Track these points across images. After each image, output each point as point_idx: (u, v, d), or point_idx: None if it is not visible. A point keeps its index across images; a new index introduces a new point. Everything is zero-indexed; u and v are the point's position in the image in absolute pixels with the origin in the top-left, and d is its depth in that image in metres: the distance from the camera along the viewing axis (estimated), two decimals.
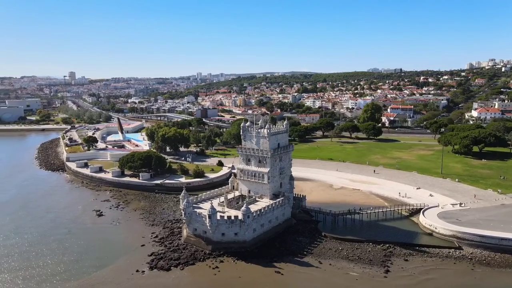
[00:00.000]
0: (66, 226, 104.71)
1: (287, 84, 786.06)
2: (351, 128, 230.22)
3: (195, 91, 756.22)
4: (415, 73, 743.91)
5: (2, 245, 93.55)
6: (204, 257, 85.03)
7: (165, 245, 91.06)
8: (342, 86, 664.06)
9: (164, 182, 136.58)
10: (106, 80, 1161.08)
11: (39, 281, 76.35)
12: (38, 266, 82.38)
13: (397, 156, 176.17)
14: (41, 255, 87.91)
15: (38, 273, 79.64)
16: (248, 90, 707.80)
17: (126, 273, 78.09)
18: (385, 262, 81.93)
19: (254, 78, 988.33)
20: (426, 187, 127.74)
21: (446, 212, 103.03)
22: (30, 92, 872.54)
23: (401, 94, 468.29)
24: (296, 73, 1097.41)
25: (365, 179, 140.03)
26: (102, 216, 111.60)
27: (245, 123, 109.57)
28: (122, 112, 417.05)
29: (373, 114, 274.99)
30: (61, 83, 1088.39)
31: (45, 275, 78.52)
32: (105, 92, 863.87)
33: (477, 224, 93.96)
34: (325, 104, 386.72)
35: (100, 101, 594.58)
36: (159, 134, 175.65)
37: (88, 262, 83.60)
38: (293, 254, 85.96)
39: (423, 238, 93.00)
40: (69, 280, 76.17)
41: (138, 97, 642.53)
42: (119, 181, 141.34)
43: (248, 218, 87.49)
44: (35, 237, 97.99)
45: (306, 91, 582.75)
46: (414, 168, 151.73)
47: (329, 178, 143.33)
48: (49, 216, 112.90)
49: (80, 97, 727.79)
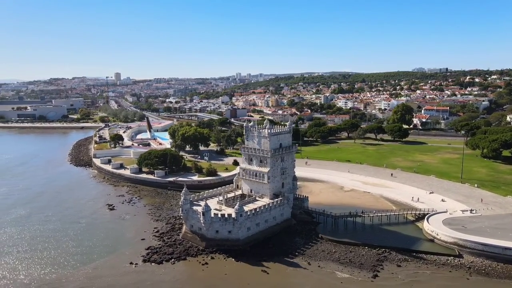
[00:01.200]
0: (78, 217, 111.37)
1: (324, 84, 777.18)
2: (376, 129, 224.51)
3: (232, 91, 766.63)
4: (462, 72, 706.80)
5: (8, 232, 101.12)
6: (197, 253, 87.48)
7: (163, 240, 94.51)
8: (381, 86, 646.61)
9: (177, 179, 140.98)
10: (149, 80, 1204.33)
11: (35, 266, 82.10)
12: (41, 253, 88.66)
13: (419, 159, 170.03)
14: (46, 243, 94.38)
15: (38, 259, 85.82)
16: (284, 91, 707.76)
17: (120, 265, 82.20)
18: (376, 267, 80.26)
19: (291, 78, 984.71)
20: (441, 191, 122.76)
21: (453, 219, 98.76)
22: (79, 92, 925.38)
23: (441, 94, 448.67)
24: (336, 73, 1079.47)
25: (378, 182, 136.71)
26: (113, 210, 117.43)
27: (248, 123, 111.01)
28: (158, 111, 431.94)
29: (403, 115, 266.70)
30: (108, 84, 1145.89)
31: (43, 262, 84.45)
32: (147, 92, 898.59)
33: (483, 232, 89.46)
34: (357, 105, 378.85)
35: (140, 100, 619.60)
36: (179, 133, 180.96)
37: (87, 252, 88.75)
38: (284, 254, 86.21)
39: (424, 245, 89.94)
40: (64, 268, 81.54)
41: (176, 97, 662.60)
42: (136, 177, 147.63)
43: (241, 217, 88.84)
44: (45, 226, 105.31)
45: (342, 92, 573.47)
46: (434, 172, 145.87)
47: (341, 180, 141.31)
48: (63, 207, 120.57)
49: (123, 97, 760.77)
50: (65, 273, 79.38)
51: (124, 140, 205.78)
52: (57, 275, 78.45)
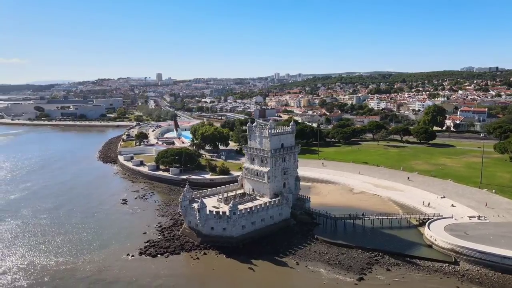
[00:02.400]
0: (91, 209, 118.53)
1: (362, 84, 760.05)
2: (402, 131, 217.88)
3: (268, 91, 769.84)
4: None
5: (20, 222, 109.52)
6: (191, 248, 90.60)
7: (163, 235, 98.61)
8: (422, 86, 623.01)
9: (189, 177, 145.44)
10: (188, 80, 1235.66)
11: (36, 252, 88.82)
12: (46, 240, 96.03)
13: (441, 163, 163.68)
14: (55, 232, 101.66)
15: (43, 246, 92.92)
16: (320, 91, 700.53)
17: (116, 256, 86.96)
18: (365, 270, 79.38)
19: (329, 78, 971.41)
20: (453, 196, 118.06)
21: (457, 224, 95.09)
22: (122, 92, 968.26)
23: (485, 95, 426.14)
24: (377, 73, 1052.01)
25: (390, 185, 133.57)
26: (125, 204, 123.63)
27: (251, 123, 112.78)
28: (191, 111, 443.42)
29: (434, 117, 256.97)
30: (149, 84, 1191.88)
31: (46, 249, 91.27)
32: (186, 92, 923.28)
33: (485, 239, 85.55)
34: (390, 106, 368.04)
35: (177, 100, 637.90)
36: (199, 132, 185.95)
37: (89, 242, 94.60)
38: (275, 253, 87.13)
39: (420, 250, 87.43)
40: (61, 255, 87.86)
41: (212, 97, 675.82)
42: (153, 174, 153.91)
43: (234, 215, 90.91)
44: (58, 215, 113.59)
45: (379, 92, 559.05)
46: (452, 176, 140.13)
47: (352, 182, 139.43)
48: (81, 201, 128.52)
49: (162, 96, 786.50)
50: (63, 260, 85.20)
51: (149, 138, 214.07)
52: (56, 262, 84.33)
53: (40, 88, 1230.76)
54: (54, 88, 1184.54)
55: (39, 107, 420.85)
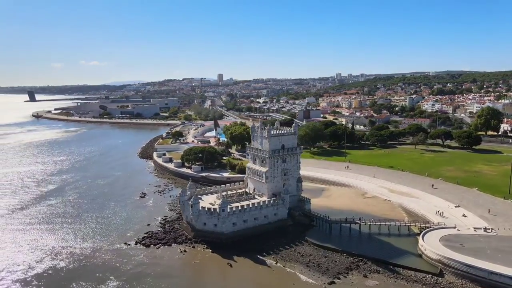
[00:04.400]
0: (110, 201, 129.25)
1: (426, 85, 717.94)
2: (443, 135, 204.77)
3: (325, 92, 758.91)
4: None
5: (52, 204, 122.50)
6: (183, 241, 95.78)
7: (164, 227, 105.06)
8: (495, 87, 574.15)
9: (208, 175, 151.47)
10: (248, 81, 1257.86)
11: (49, 234, 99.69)
12: (58, 223, 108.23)
13: (476, 170, 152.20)
14: (72, 218, 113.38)
15: (53, 227, 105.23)
16: (379, 92, 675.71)
17: (115, 244, 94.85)
18: (341, 274, 78.61)
19: (391, 78, 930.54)
20: (470, 206, 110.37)
21: (457, 235, 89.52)
22: (185, 92, 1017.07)
23: None
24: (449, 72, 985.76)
25: (407, 191, 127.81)
26: (142, 198, 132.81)
27: (254, 124, 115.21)
28: (241, 111, 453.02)
29: (488, 120, 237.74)
30: (211, 84, 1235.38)
31: (56, 232, 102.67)
32: (245, 92, 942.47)
33: (481, 252, 79.95)
34: (446, 108, 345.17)
35: (232, 100, 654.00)
36: (228, 132, 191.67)
37: (95, 230, 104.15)
38: (259, 252, 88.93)
39: (408, 259, 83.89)
40: (66, 239, 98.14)
41: (267, 97, 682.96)
42: (177, 171, 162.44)
43: (223, 212, 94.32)
44: (81, 204, 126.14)
45: (442, 93, 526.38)
46: (480, 185, 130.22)
47: (368, 186, 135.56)
48: (104, 191, 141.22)
49: (219, 96, 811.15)
50: (66, 245, 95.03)
51: (186, 136, 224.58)
52: (59, 248, 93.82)
53: (113, 89, 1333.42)
54: (125, 88, 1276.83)
55: (103, 106, 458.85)
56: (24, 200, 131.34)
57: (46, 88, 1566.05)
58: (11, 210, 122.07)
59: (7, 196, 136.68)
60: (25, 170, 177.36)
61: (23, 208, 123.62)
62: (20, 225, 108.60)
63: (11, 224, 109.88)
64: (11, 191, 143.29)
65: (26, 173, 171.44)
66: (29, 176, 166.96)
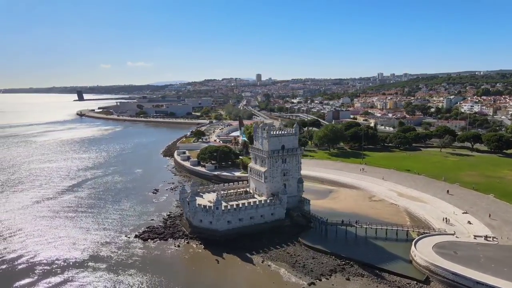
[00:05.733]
0: (125, 195, 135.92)
1: (473, 85, 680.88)
2: (473, 138, 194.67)
3: (362, 92, 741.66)
4: None
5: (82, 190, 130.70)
6: (179, 236, 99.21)
7: (165, 223, 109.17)
8: None
9: (221, 173, 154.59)
10: (287, 81, 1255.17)
11: (60, 222, 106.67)
12: (64, 217, 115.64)
13: (500, 176, 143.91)
14: (85, 210, 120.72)
15: (65, 218, 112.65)
16: (420, 92, 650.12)
17: (117, 236, 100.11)
18: (324, 276, 78.50)
19: (434, 78, 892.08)
20: (479, 213, 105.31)
21: (452, 242, 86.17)
22: (223, 92, 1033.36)
23: None
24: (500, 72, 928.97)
25: (417, 195, 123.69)
26: (154, 194, 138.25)
27: (257, 125, 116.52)
28: (272, 111, 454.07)
29: None
30: (249, 84, 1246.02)
31: (67, 222, 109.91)
32: (281, 92, 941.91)
33: (473, 261, 76.67)
34: (486, 109, 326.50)
35: (268, 100, 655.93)
36: (247, 132, 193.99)
37: (100, 222, 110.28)
38: (248, 250, 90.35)
39: (397, 264, 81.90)
40: (73, 229, 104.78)
41: (302, 98, 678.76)
42: (192, 169, 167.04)
43: (217, 209, 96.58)
44: (96, 196, 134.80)
45: (488, 94, 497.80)
46: (500, 191, 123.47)
47: (378, 189, 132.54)
48: (122, 186, 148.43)
49: (255, 96, 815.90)
50: (70, 235, 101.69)
51: (209, 136, 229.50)
52: (64, 234, 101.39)
53: (156, 88, 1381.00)
54: (167, 88, 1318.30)
55: (139, 105, 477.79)
56: (44, 193, 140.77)
57: (95, 88, 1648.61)
58: (35, 201, 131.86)
59: (35, 189, 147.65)
60: (55, 166, 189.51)
61: (38, 201, 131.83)
62: (32, 215, 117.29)
63: (30, 213, 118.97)
64: (38, 185, 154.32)
65: (54, 168, 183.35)
66: (56, 171, 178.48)
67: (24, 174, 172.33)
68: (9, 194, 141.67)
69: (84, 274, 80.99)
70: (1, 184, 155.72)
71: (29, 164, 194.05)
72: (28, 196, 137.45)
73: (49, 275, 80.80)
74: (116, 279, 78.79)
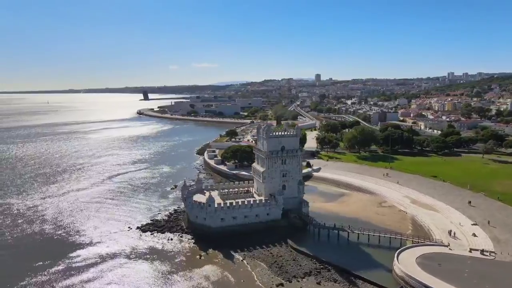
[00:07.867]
0: (145, 190, 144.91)
1: None
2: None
3: (426, 92, 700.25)
4: None
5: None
6: (176, 230, 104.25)
7: (169, 217, 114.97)
8: None
9: (239, 172, 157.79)
10: (347, 81, 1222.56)
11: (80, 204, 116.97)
12: (96, 202, 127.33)
13: None
14: (108, 201, 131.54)
15: (90, 199, 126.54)
16: (490, 93, 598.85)
17: (121, 226, 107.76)
18: (296, 278, 78.35)
19: (510, 78, 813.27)
20: (497, 224, 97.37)
21: (441, 254, 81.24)
22: (281, 92, 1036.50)
23: None
24: None
25: (431, 203, 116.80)
26: (172, 190, 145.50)
27: (260, 126, 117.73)
28: (321, 111, 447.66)
29: None
30: (308, 84, 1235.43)
31: (91, 204, 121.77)
32: (340, 92, 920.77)
33: (455, 275, 71.92)
34: None
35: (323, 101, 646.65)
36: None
37: (112, 213, 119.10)
38: (233, 248, 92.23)
39: (376, 272, 78.91)
40: (87, 218, 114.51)
41: (358, 98, 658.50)
42: (215, 167, 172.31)
43: (210, 207, 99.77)
44: (118, 191, 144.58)
45: None
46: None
47: (391, 195, 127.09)
48: (145, 181, 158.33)
49: (311, 97, 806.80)
50: (88, 224, 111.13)
51: (241, 135, 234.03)
52: (78, 222, 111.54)
53: (217, 88, 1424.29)
54: (227, 88, 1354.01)
55: (192, 105, 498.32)
56: (74, 186, 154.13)
57: (162, 88, 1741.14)
58: (64, 191, 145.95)
59: (71, 181, 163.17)
60: (95, 161, 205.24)
61: (66, 192, 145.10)
62: (55, 205, 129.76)
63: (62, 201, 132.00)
64: (74, 178, 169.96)
65: (93, 163, 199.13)
66: (94, 165, 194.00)
67: (64, 167, 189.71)
68: (46, 184, 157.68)
69: (68, 261, 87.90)
70: (41, 175, 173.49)
71: (73, 159, 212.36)
72: (61, 187, 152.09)
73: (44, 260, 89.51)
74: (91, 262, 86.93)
